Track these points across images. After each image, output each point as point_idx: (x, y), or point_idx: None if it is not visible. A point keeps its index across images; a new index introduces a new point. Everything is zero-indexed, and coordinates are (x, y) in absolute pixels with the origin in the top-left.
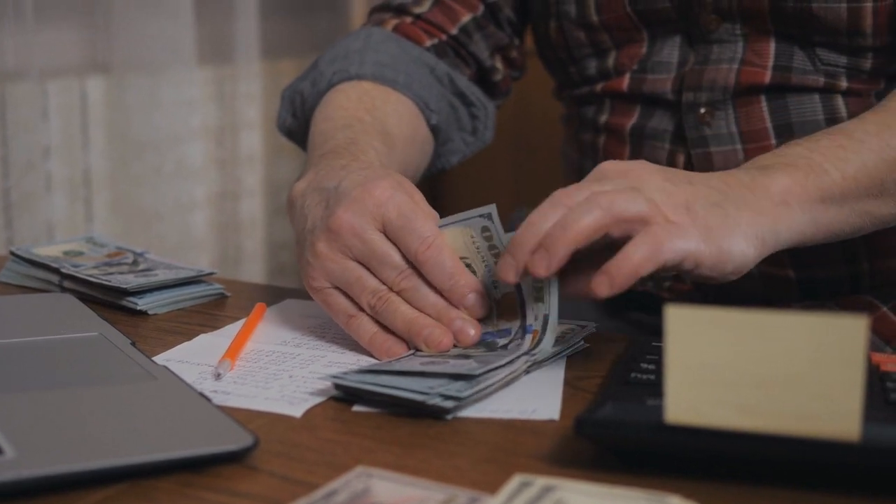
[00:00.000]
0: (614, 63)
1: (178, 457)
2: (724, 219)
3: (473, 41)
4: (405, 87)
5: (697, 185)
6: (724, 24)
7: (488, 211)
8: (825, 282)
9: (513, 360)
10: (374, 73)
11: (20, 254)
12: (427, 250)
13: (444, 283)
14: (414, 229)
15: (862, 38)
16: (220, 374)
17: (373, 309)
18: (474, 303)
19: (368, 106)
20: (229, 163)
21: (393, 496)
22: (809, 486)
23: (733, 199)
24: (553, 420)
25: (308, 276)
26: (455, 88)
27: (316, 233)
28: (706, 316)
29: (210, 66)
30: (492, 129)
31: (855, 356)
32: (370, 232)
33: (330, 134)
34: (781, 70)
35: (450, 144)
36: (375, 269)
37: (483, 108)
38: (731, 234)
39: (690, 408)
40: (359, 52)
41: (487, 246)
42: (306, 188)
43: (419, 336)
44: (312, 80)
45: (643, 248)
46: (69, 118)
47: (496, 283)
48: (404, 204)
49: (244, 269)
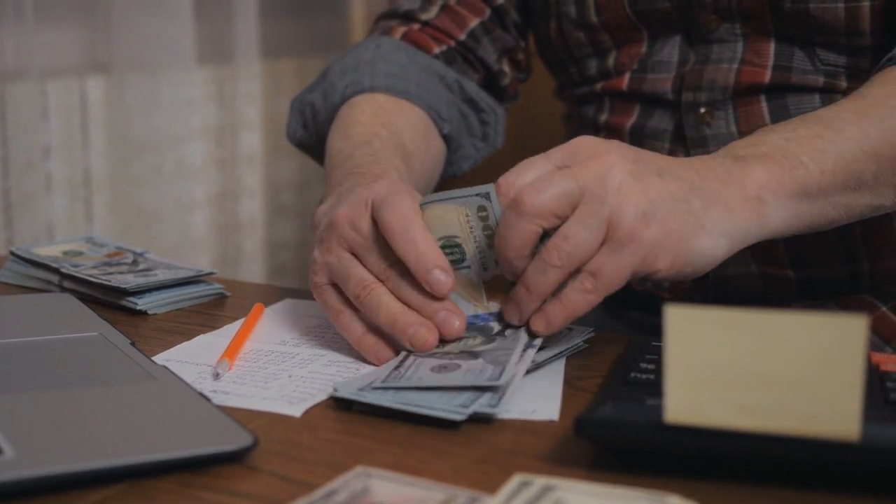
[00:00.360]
0: (614, 63)
1: (178, 457)
2: (687, 218)
3: (481, 46)
4: (417, 97)
5: (666, 179)
6: (724, 24)
7: (486, 190)
8: (825, 282)
9: (522, 356)
10: (386, 85)
11: (20, 254)
12: (395, 219)
13: (410, 255)
14: (393, 206)
15: (861, 37)
16: (218, 373)
17: (358, 300)
18: (437, 279)
19: (384, 121)
20: (229, 163)
21: (392, 496)
22: (809, 486)
23: (703, 193)
24: (553, 421)
25: (312, 273)
26: (465, 95)
27: (321, 231)
28: (706, 316)
29: (210, 66)
30: (502, 134)
31: (855, 356)
32: (362, 219)
33: (349, 152)
34: (781, 70)
35: (461, 151)
36: (363, 258)
37: (493, 114)
38: (694, 235)
39: (690, 408)
40: (369, 63)
41: (482, 226)
42: (329, 210)
43: (404, 334)
44: (323, 91)
45: (588, 287)
46: (69, 118)
47: (486, 265)
48: (392, 185)
49: (244, 270)
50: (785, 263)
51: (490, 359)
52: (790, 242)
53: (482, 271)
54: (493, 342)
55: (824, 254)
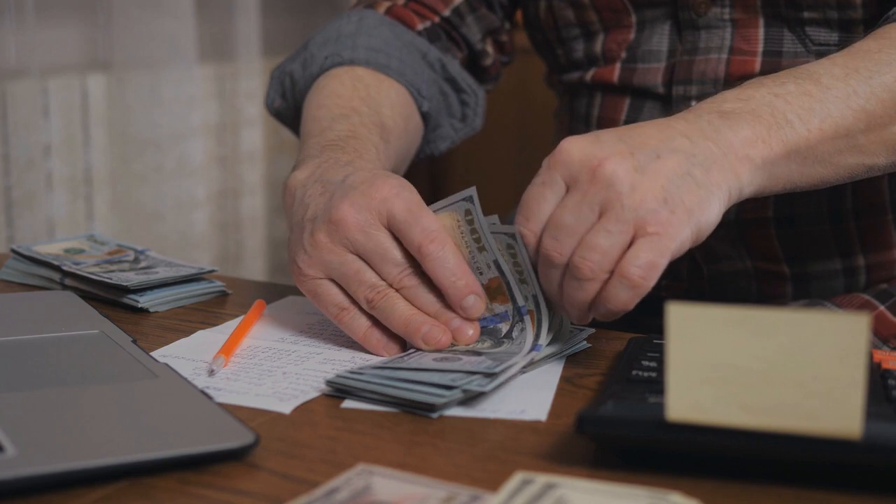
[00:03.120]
0: (602, 49)
1: (179, 455)
2: (698, 191)
3: (466, 23)
4: (398, 73)
5: (665, 158)
6: (713, 9)
7: (469, 194)
8: (820, 277)
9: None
10: (367, 59)
11: (21, 251)
12: (431, 244)
13: (445, 279)
14: (419, 223)
15: (853, 10)
16: (213, 370)
17: (370, 304)
18: (472, 304)
19: (363, 95)
20: (230, 160)
21: (394, 494)
22: (810, 484)
23: (700, 160)
24: (539, 421)
25: (301, 263)
26: (446, 74)
27: (317, 223)
28: (707, 313)
29: (211, 64)
30: (482, 116)
31: (857, 354)
32: (374, 227)
33: (326, 123)
34: (771, 55)
35: (439, 130)
36: (377, 265)
37: (473, 95)
38: (707, 204)
39: (692, 405)
40: (351, 36)
41: (470, 230)
42: (307, 179)
43: (417, 333)
44: (303, 61)
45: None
46: (70, 116)
47: (480, 269)
48: (410, 200)
49: (245, 267)
50: (780, 259)
51: (493, 357)
52: (785, 237)
53: (478, 275)
54: (500, 346)
55: (819, 248)
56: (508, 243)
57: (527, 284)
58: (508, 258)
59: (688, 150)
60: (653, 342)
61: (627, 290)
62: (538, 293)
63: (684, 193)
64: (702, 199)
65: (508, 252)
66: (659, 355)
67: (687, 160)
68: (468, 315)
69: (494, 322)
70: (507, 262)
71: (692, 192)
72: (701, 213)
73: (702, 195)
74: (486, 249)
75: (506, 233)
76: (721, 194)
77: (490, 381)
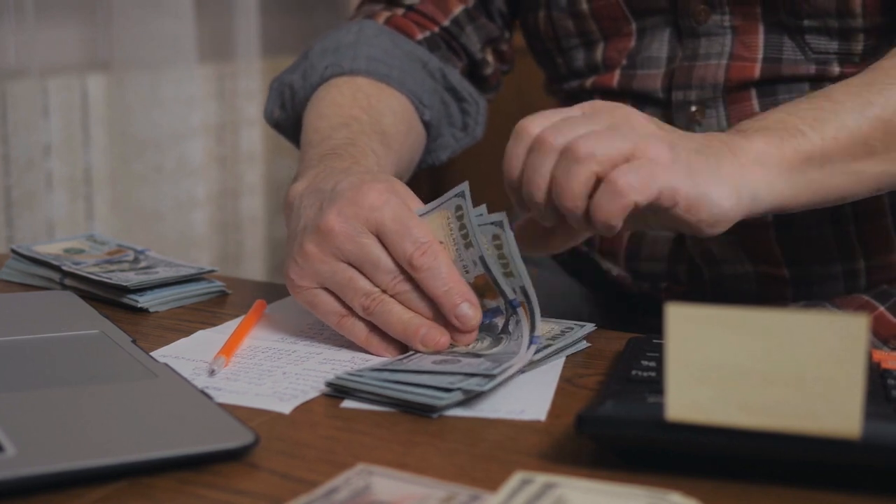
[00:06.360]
0: (602, 57)
1: (178, 454)
2: (706, 164)
3: (465, 33)
4: (398, 82)
5: (680, 135)
6: (713, 16)
7: (462, 189)
8: (820, 280)
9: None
10: (367, 69)
11: (21, 251)
12: (422, 256)
13: (438, 289)
14: (409, 234)
15: (853, 18)
16: (213, 370)
17: (366, 310)
18: (466, 313)
19: (364, 104)
20: (230, 160)
21: (394, 494)
22: (810, 484)
23: (714, 152)
24: (539, 421)
25: (293, 274)
26: (447, 83)
27: (306, 233)
28: (707, 314)
29: (210, 64)
30: (483, 125)
31: (856, 354)
32: (363, 236)
33: (326, 133)
34: (771, 62)
35: (441, 140)
36: (369, 273)
37: (474, 104)
38: (712, 179)
39: (691, 405)
40: (351, 46)
41: (458, 225)
42: (304, 190)
43: (416, 336)
44: (303, 72)
45: (631, 178)
46: (70, 116)
47: (466, 267)
48: (399, 209)
49: (245, 267)
50: (780, 262)
51: (492, 359)
52: (785, 240)
53: (464, 273)
54: (498, 344)
55: (819, 252)
56: (495, 233)
57: (514, 277)
58: (493, 251)
59: (703, 143)
60: (652, 342)
61: (611, 199)
62: (526, 284)
63: (692, 155)
64: (707, 172)
65: (494, 244)
66: (658, 355)
67: (701, 146)
68: (463, 324)
69: (489, 318)
70: (493, 256)
71: (700, 161)
72: (702, 181)
73: (708, 170)
74: (473, 245)
75: (493, 222)
76: (729, 188)
77: (489, 381)
